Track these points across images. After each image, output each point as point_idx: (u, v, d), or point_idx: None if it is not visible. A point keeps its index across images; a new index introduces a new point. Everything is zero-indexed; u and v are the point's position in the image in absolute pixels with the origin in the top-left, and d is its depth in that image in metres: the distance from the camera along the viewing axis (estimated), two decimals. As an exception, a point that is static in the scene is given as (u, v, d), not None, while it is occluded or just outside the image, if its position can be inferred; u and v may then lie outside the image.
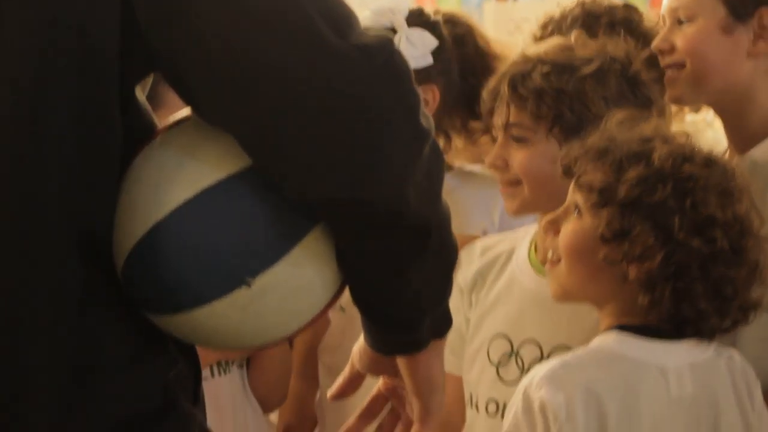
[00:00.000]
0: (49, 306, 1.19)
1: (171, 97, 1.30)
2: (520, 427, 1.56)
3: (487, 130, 2.12)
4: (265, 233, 1.22)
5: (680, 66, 1.93)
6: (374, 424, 1.52)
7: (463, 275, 1.93)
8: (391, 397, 1.50)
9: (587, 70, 1.81)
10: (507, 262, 1.93)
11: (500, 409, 1.82)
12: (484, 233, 2.27)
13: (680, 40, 1.92)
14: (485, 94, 1.89)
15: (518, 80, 1.82)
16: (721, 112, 1.98)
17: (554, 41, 1.93)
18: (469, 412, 1.89)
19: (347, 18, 1.20)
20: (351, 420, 1.51)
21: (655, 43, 1.96)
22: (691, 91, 1.94)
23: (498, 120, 1.85)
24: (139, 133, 1.26)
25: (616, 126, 1.66)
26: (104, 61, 1.18)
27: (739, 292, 1.60)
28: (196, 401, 1.34)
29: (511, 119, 1.82)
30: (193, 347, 1.35)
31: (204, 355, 1.40)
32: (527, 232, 1.94)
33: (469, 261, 1.95)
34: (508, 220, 2.25)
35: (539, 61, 1.82)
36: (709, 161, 1.63)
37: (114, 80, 1.20)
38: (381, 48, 1.19)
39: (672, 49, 1.94)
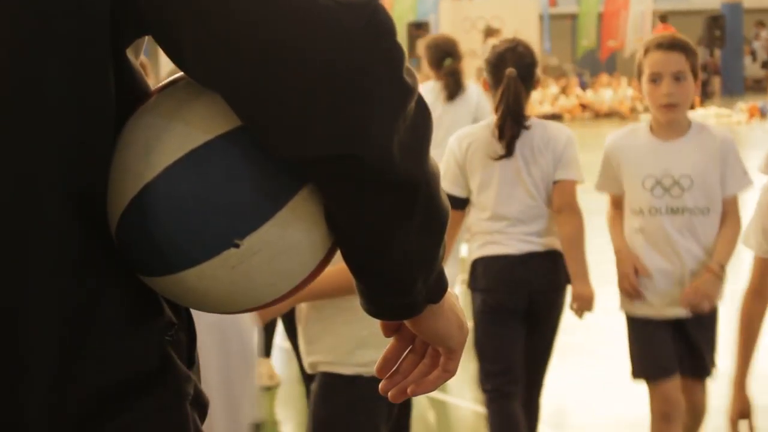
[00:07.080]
0: (48, 268, 1.21)
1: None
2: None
3: None
4: (253, 194, 1.23)
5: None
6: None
7: None
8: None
9: None
10: None
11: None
12: None
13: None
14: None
15: None
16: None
17: None
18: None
19: None
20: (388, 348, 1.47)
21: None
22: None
23: None
24: (132, 96, 1.27)
25: None
26: (98, 23, 1.20)
27: None
28: (191, 365, 1.35)
29: None
30: (188, 309, 1.36)
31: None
32: None
33: None
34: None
35: None
36: None
37: (106, 42, 1.22)
38: (365, 4, 1.20)
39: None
